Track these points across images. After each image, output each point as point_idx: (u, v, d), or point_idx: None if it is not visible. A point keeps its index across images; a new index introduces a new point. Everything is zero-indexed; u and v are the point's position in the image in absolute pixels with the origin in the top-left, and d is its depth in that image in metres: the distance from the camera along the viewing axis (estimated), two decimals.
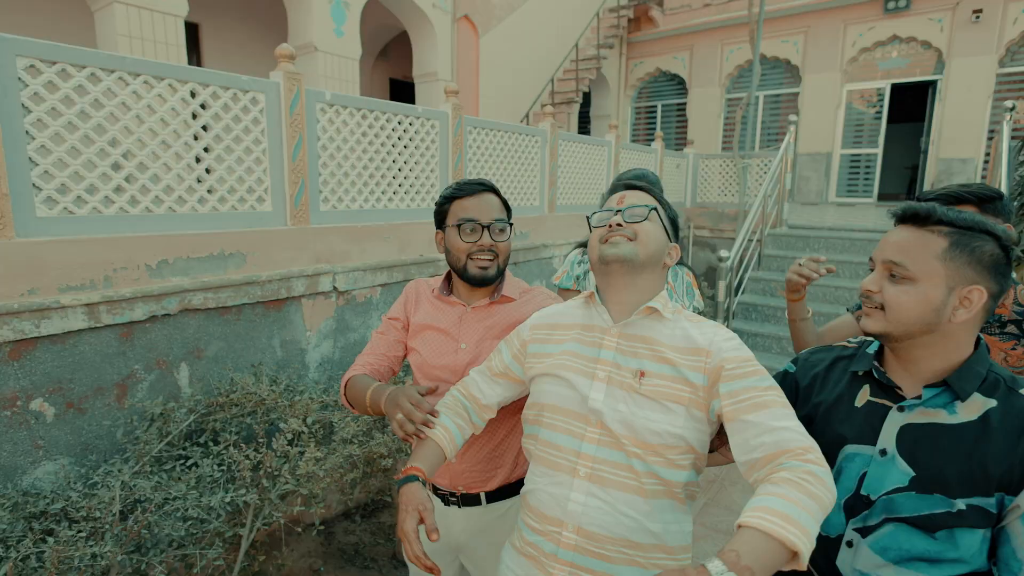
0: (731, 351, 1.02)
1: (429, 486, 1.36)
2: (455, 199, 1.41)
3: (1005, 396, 0.94)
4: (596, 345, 1.10)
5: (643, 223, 1.11)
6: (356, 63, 6.67)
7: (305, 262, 3.22)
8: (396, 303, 1.55)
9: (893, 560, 0.95)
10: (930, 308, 0.94)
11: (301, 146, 3.15)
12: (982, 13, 8.81)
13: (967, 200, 1.46)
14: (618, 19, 11.05)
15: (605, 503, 1.02)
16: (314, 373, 3.31)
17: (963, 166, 9.32)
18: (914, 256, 0.96)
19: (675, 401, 1.01)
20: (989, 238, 0.94)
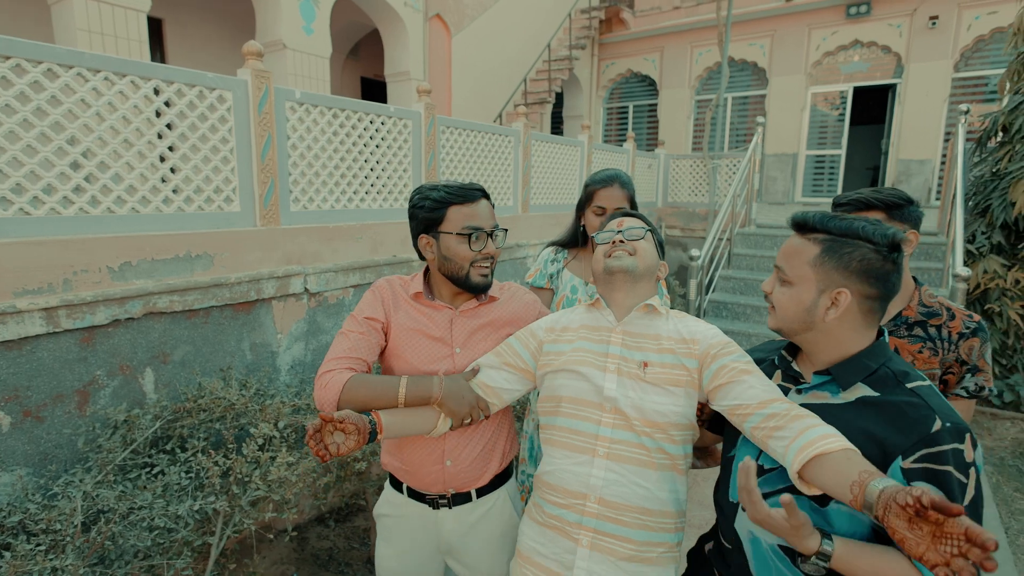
0: (714, 338, 1.25)
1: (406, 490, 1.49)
2: (452, 205, 1.37)
3: (890, 389, 1.03)
4: (604, 342, 1.29)
5: (640, 242, 1.34)
6: (326, 61, 6.57)
7: (275, 263, 3.16)
8: (369, 302, 1.43)
9: None
10: (802, 308, 1.08)
11: (270, 145, 3.09)
12: (938, 19, 9.13)
13: (875, 206, 1.50)
14: (590, 20, 11.13)
15: (622, 476, 1.21)
16: (285, 376, 3.25)
17: (921, 167, 9.65)
18: (792, 262, 1.10)
19: (675, 384, 1.22)
20: (862, 244, 1.04)
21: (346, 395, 1.27)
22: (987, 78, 9.12)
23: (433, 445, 1.44)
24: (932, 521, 0.76)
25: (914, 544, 0.78)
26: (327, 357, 1.35)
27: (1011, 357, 5.35)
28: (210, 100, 2.85)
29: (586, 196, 1.97)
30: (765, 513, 0.92)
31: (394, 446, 1.50)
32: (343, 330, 1.40)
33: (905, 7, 9.39)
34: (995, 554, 1.95)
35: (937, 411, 0.97)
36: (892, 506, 0.81)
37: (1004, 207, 5.18)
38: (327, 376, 1.29)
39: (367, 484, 2.83)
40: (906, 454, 0.95)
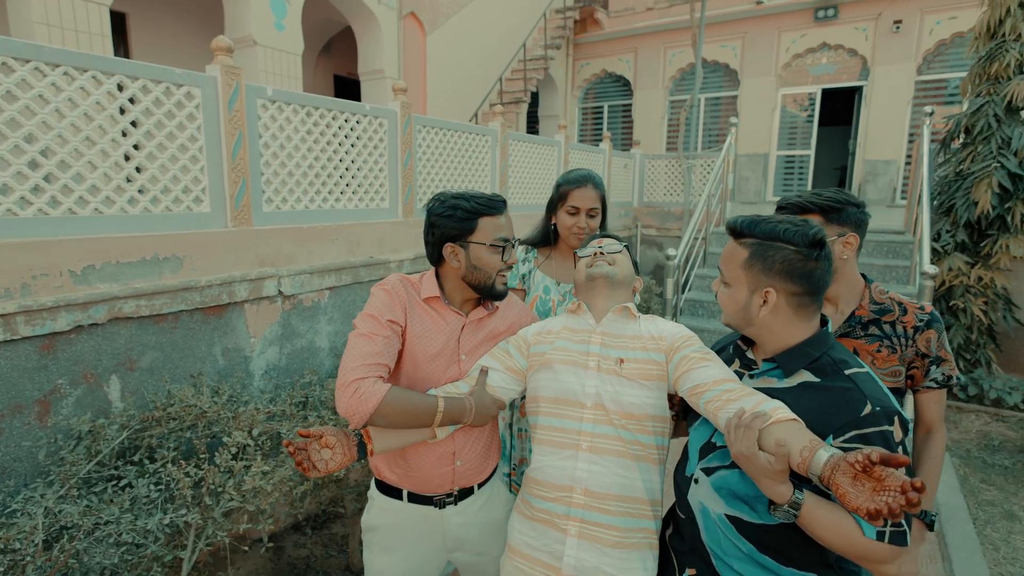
0: (678, 334, 1.38)
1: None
2: (483, 216, 1.42)
3: (829, 375, 1.13)
4: (585, 342, 1.40)
5: (618, 255, 1.51)
6: (298, 58, 6.44)
7: (248, 265, 3.07)
8: (386, 304, 1.38)
9: (724, 496, 1.16)
10: (739, 307, 1.20)
11: (241, 144, 3.00)
12: (902, 24, 9.37)
13: (810, 210, 1.51)
14: (564, 20, 11.15)
15: (604, 468, 1.30)
16: (259, 382, 3.16)
17: (886, 167, 9.91)
18: (728, 265, 1.22)
19: (648, 378, 1.32)
20: (783, 246, 1.14)
21: (383, 408, 1.24)
22: (947, 81, 9.41)
23: (443, 448, 1.47)
24: (875, 477, 0.86)
25: (853, 497, 0.87)
26: (352, 362, 1.27)
27: (975, 352, 5.52)
28: (177, 97, 2.75)
29: (559, 196, 1.96)
30: (754, 450, 1.01)
31: (397, 456, 1.47)
32: (365, 332, 1.33)
33: (870, 11, 9.62)
34: (962, 544, 2.34)
35: (868, 396, 1.06)
36: (841, 464, 0.91)
37: (967, 206, 5.34)
38: (362, 384, 1.23)
39: (345, 491, 2.77)
40: (836, 434, 1.05)
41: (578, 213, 1.91)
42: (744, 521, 1.13)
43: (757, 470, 1.01)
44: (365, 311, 1.38)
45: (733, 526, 1.15)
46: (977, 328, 5.49)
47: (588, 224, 1.91)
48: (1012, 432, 4.82)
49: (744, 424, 1.05)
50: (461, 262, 1.42)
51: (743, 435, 1.04)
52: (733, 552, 1.16)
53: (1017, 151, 5.12)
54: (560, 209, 1.95)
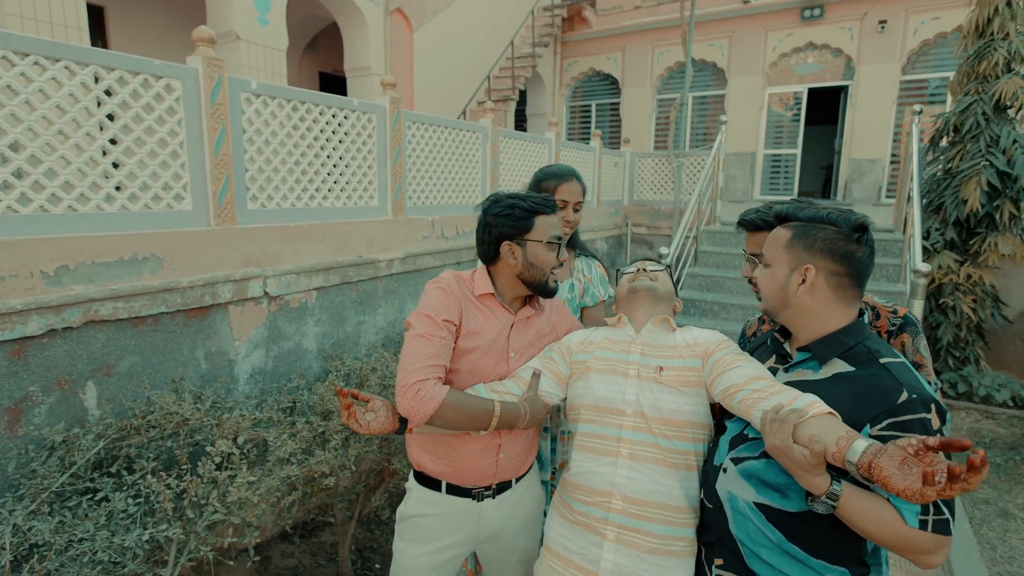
0: (712, 338, 1.42)
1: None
2: (540, 214, 1.48)
3: (864, 364, 1.13)
4: (625, 352, 1.43)
5: (659, 273, 1.59)
6: (283, 54, 6.30)
7: (232, 265, 2.95)
8: (442, 302, 1.41)
9: (753, 484, 1.17)
10: (777, 286, 1.21)
11: (224, 139, 2.88)
12: (887, 24, 9.44)
13: (762, 228, 1.50)
14: (552, 18, 11.09)
15: (643, 475, 1.31)
16: (244, 386, 3.05)
17: (872, 166, 9.97)
18: (770, 247, 1.26)
19: (687, 384, 1.34)
20: (826, 227, 1.18)
21: (442, 411, 1.30)
22: (928, 81, 9.49)
23: (489, 440, 1.49)
24: (926, 462, 0.85)
25: (899, 479, 0.87)
26: (412, 363, 1.32)
27: (963, 349, 5.55)
28: (156, 89, 2.63)
29: (542, 190, 1.92)
30: (789, 443, 1.02)
31: (440, 445, 1.49)
32: (423, 332, 1.37)
33: (856, 11, 9.67)
34: (959, 543, 2.44)
35: (904, 383, 1.06)
36: (888, 448, 0.90)
37: (956, 204, 5.36)
38: (423, 387, 1.29)
39: (335, 499, 2.67)
40: (873, 423, 1.05)
41: (565, 207, 1.90)
42: (773, 509, 1.13)
43: (793, 463, 1.02)
44: (421, 310, 1.41)
45: (762, 514, 1.15)
46: (966, 326, 5.51)
47: (574, 218, 1.91)
48: (1002, 429, 4.85)
49: (780, 419, 1.05)
50: (518, 259, 1.46)
51: (778, 429, 1.04)
52: (762, 541, 1.16)
53: (1005, 149, 5.15)
54: None
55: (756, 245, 1.54)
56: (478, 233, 1.52)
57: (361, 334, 3.77)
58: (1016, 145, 5.13)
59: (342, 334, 3.63)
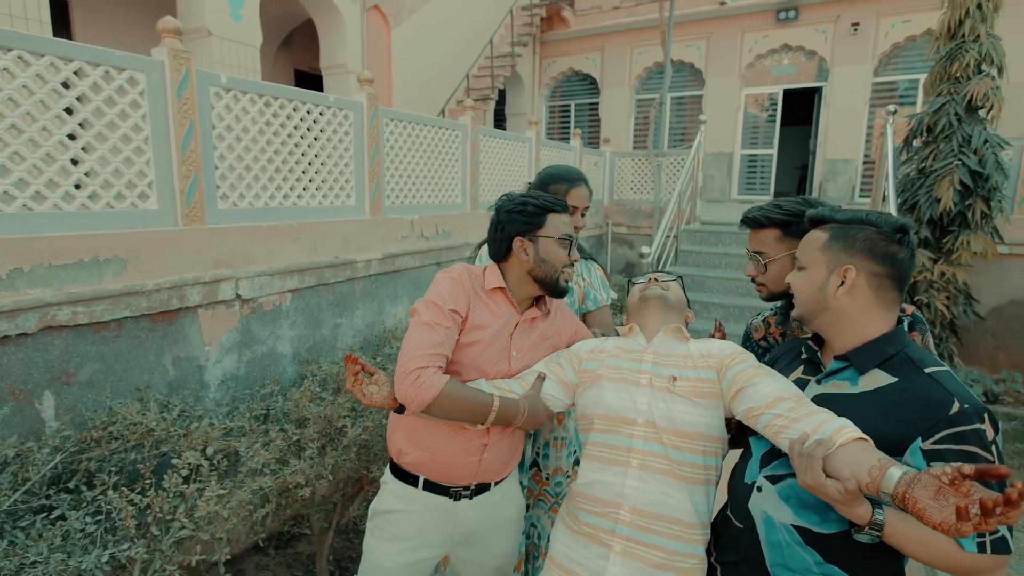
0: (726, 350, 1.36)
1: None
2: (552, 212, 1.49)
3: (907, 374, 1.07)
4: (637, 360, 1.39)
5: (671, 283, 1.56)
6: (256, 51, 6.13)
7: (201, 267, 2.83)
8: (451, 292, 1.40)
9: (792, 506, 1.12)
10: (815, 287, 1.16)
11: (193, 135, 2.76)
12: (859, 26, 9.59)
13: (765, 225, 1.48)
14: (531, 17, 11.05)
15: (653, 486, 1.27)
16: (215, 393, 2.92)
17: (846, 166, 10.12)
18: (806, 249, 1.21)
19: (701, 396, 1.30)
20: (866, 227, 1.14)
21: (440, 400, 1.29)
22: (898, 83, 9.66)
23: (476, 437, 1.45)
24: (962, 492, 0.80)
25: (935, 512, 0.82)
26: (415, 350, 1.31)
27: (938, 346, 5.63)
28: (119, 82, 2.50)
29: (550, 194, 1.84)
30: (821, 480, 0.96)
31: (423, 436, 1.46)
32: (429, 320, 1.35)
33: (829, 13, 9.81)
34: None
35: (955, 393, 1.00)
36: (921, 478, 0.84)
37: (930, 203, 5.43)
38: (423, 374, 1.28)
39: (312, 509, 2.57)
40: (925, 435, 0.99)
41: (574, 212, 1.84)
42: (812, 531, 1.09)
43: (829, 498, 0.97)
44: (429, 298, 1.39)
45: (800, 536, 1.10)
46: (940, 323, 5.60)
47: (581, 223, 1.86)
48: None
49: (807, 453, 0.99)
50: (530, 255, 1.46)
51: (807, 464, 0.99)
52: (798, 563, 1.11)
53: (977, 149, 5.23)
54: None
55: (759, 243, 1.50)
56: (490, 231, 1.53)
57: (338, 337, 3.67)
58: (987, 145, 5.22)
59: (318, 337, 3.52)
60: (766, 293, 1.53)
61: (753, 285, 1.56)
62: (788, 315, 1.61)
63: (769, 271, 1.47)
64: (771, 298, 1.54)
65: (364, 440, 2.54)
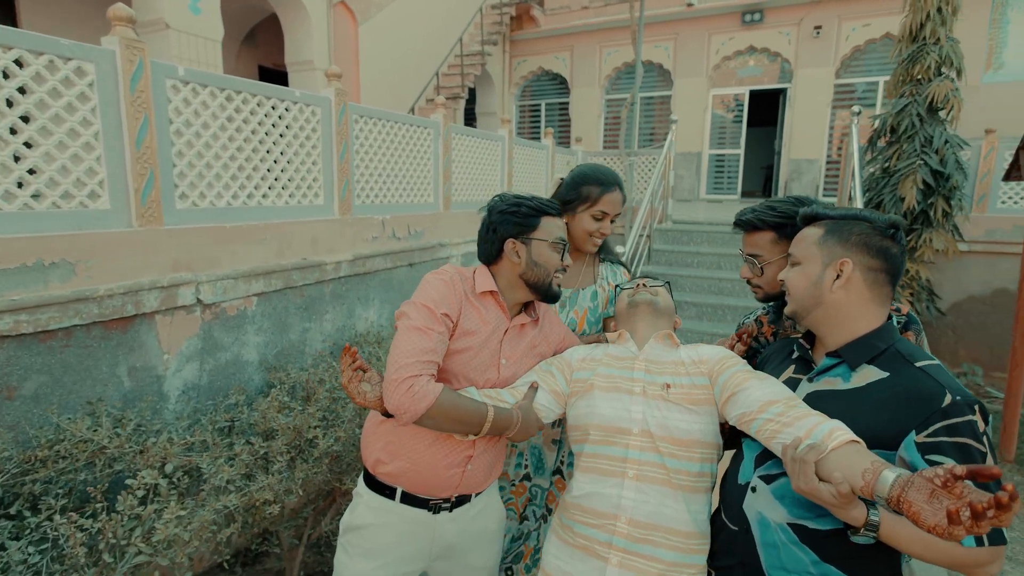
0: (718, 355, 1.36)
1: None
2: (546, 215, 1.45)
3: (899, 369, 1.08)
4: (629, 368, 1.37)
5: (660, 288, 1.56)
6: (218, 45, 5.90)
7: (159, 271, 2.66)
8: (443, 295, 1.34)
9: (786, 505, 1.12)
10: (810, 282, 1.16)
11: (148, 130, 2.59)
12: (822, 29, 9.80)
13: (759, 228, 1.46)
14: (501, 16, 10.97)
15: (650, 497, 1.25)
16: (175, 404, 2.76)
17: (810, 166, 10.35)
18: (800, 245, 1.22)
19: (695, 403, 1.29)
20: (860, 222, 1.15)
21: (434, 410, 1.22)
22: (858, 85, 9.92)
23: (461, 448, 1.39)
24: (955, 494, 0.79)
25: (929, 515, 0.81)
26: (406, 357, 1.23)
27: None
28: (65, 72, 2.32)
29: (581, 196, 1.75)
30: (814, 485, 0.97)
31: (404, 446, 1.38)
32: (420, 325, 1.28)
33: (793, 16, 10.01)
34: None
35: (947, 386, 1.02)
36: (915, 480, 0.84)
37: (895, 202, 5.56)
38: (416, 382, 1.22)
39: (281, 525, 2.43)
40: (919, 428, 1.00)
41: (604, 218, 1.76)
42: (808, 529, 1.09)
43: (823, 502, 0.98)
44: (419, 300, 1.33)
45: (796, 535, 1.10)
46: None
47: (609, 230, 1.78)
48: None
49: (800, 458, 1.00)
50: (522, 258, 1.42)
51: (799, 470, 1.00)
52: (794, 564, 1.10)
53: (938, 149, 5.38)
54: (581, 211, 1.76)
55: (754, 246, 1.48)
56: (480, 232, 1.48)
57: (307, 342, 3.52)
58: (948, 145, 5.37)
59: (286, 343, 3.37)
60: (762, 295, 1.52)
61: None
62: (781, 314, 1.60)
63: (766, 273, 1.46)
64: (767, 299, 1.54)
65: (336, 451, 2.42)
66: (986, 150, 5.82)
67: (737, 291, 5.74)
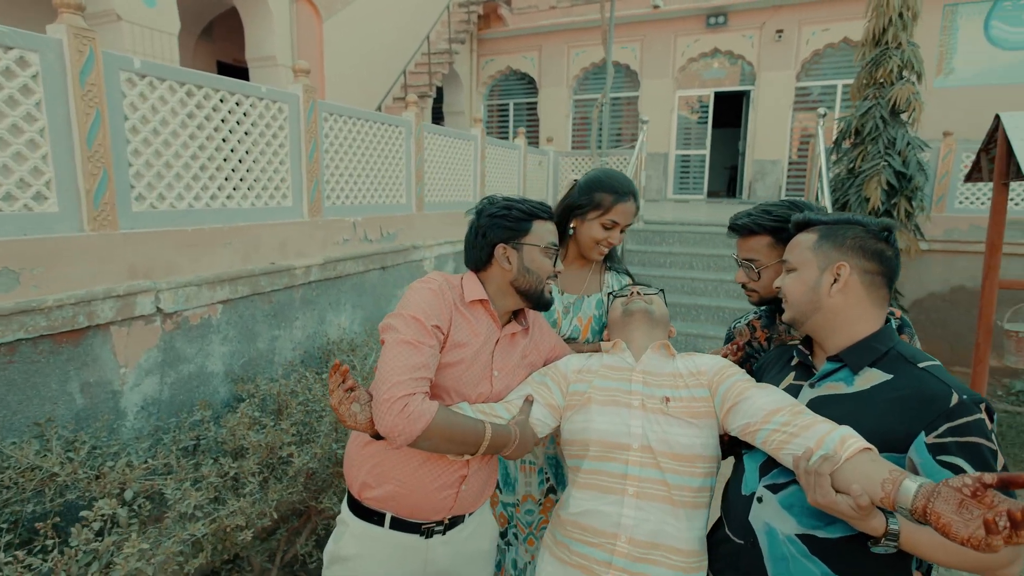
0: (716, 365, 1.33)
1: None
2: (537, 219, 1.38)
3: (902, 370, 1.07)
4: (627, 380, 1.33)
5: (654, 296, 1.53)
6: (174, 39, 5.61)
7: (114, 278, 2.47)
8: (432, 305, 1.25)
9: (795, 514, 1.09)
10: (807, 287, 1.16)
11: (101, 127, 2.40)
12: (783, 33, 10.02)
13: (757, 232, 1.43)
14: (468, 14, 10.86)
15: (651, 515, 1.22)
16: (134, 422, 2.56)
17: (773, 167, 10.58)
18: (795, 251, 1.22)
19: (695, 416, 1.26)
20: (854, 227, 1.16)
21: (430, 431, 1.14)
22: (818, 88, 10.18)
23: (455, 468, 1.31)
24: (986, 504, 0.77)
25: (960, 527, 0.79)
26: (398, 374, 1.14)
27: None
28: (5, 62, 2.12)
29: (593, 203, 1.67)
30: (832, 498, 0.95)
31: (393, 468, 1.28)
32: (411, 339, 1.19)
33: (756, 20, 10.21)
34: None
35: (952, 386, 1.01)
36: (942, 491, 0.81)
37: (860, 202, 5.68)
38: (410, 401, 1.13)
39: (252, 550, 2.28)
40: (928, 429, 0.99)
41: (614, 228, 1.68)
42: (818, 539, 1.07)
43: (841, 514, 0.95)
44: (407, 311, 1.23)
45: (806, 546, 1.08)
46: None
47: (618, 239, 1.71)
48: None
49: (814, 471, 0.97)
50: (513, 264, 1.36)
51: (815, 483, 0.97)
52: None
53: (901, 151, 5.52)
54: (591, 218, 1.69)
55: (750, 250, 1.45)
56: (468, 237, 1.41)
57: (276, 351, 3.35)
58: (910, 147, 5.52)
59: (254, 352, 3.20)
60: (757, 299, 1.49)
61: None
62: (774, 319, 1.57)
63: (763, 278, 1.43)
64: (762, 303, 1.51)
65: (311, 468, 2.28)
66: (944, 152, 6.01)
67: (710, 291, 5.78)
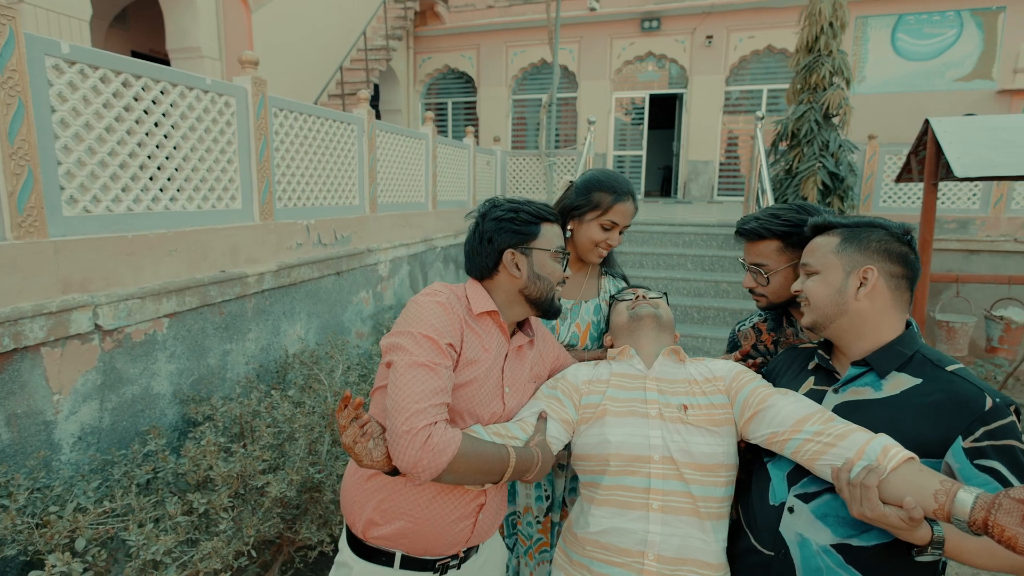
0: (732, 370, 1.30)
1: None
2: (545, 222, 1.31)
3: (931, 374, 1.06)
4: (641, 389, 1.28)
5: (659, 300, 1.49)
6: (85, 25, 5.09)
7: (44, 292, 2.15)
8: (443, 321, 1.13)
9: (830, 524, 1.06)
10: (833, 290, 1.13)
11: (24, 120, 2.08)
12: (713, 39, 10.44)
13: (766, 236, 1.42)
14: (404, 11, 10.58)
15: (677, 530, 1.17)
16: (71, 455, 2.25)
17: (705, 167, 11.00)
18: (816, 254, 1.19)
19: (715, 424, 1.22)
20: (876, 229, 1.14)
21: (456, 463, 1.04)
22: (746, 92, 10.68)
23: (471, 498, 1.20)
24: None
25: None
26: (414, 401, 1.02)
27: None
28: None
29: (591, 203, 1.61)
30: (881, 511, 0.92)
31: (403, 503, 1.16)
32: (424, 360, 1.07)
33: (687, 25, 10.57)
34: None
35: (984, 389, 1.01)
36: (1003, 503, 0.80)
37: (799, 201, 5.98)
38: (433, 431, 1.02)
39: None
40: (965, 434, 0.98)
41: (613, 229, 1.62)
42: (852, 547, 1.04)
43: (888, 526, 0.94)
44: (417, 329, 1.11)
45: (841, 556, 1.05)
46: None
47: (616, 242, 1.65)
48: None
49: (861, 484, 0.95)
50: (523, 270, 1.26)
51: (862, 496, 0.95)
52: None
53: (834, 153, 5.84)
54: (589, 219, 1.62)
55: (758, 255, 1.42)
56: (470, 243, 1.31)
57: (228, 366, 3.07)
58: (842, 149, 5.85)
59: (204, 369, 2.91)
60: (766, 303, 1.48)
61: (752, 296, 1.49)
62: (780, 322, 1.56)
63: (772, 282, 1.41)
64: (770, 307, 1.49)
65: (287, 497, 2.08)
66: (870, 154, 6.42)
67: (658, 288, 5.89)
